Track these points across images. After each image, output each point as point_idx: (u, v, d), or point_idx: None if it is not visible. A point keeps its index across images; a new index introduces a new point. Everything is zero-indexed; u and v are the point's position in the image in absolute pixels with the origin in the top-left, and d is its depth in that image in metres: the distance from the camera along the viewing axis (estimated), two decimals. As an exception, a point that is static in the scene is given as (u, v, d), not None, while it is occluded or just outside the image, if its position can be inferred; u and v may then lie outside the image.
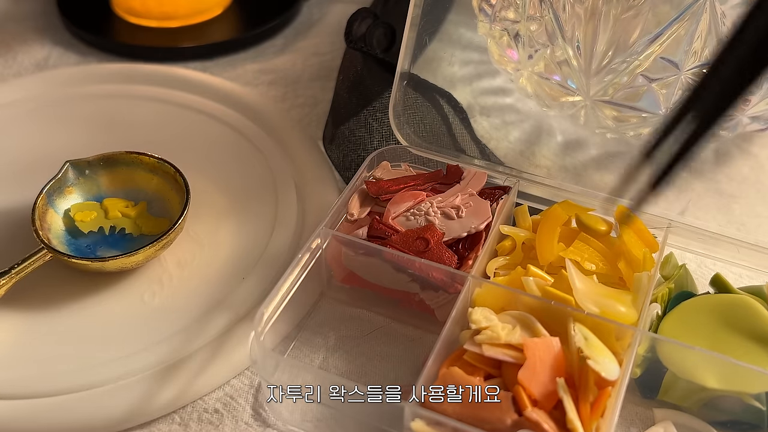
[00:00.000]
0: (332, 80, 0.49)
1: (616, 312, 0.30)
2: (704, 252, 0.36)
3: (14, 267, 0.34)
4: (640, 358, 0.31)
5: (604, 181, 0.42)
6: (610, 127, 0.41)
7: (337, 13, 0.57)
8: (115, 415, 0.31)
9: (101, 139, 0.44)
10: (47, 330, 0.34)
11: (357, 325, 0.35)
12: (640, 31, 0.36)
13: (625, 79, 0.38)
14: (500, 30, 0.41)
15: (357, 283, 0.35)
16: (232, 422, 0.32)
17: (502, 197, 0.36)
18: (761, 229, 0.40)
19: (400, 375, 0.33)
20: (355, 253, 0.34)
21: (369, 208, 0.36)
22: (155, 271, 0.37)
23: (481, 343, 0.29)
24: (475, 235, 0.34)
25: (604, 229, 0.34)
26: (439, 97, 0.43)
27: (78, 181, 0.39)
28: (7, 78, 0.51)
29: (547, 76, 0.40)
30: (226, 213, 0.40)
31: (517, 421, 0.27)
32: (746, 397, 0.30)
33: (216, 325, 0.34)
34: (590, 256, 0.33)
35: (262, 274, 0.36)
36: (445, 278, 0.32)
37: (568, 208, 0.34)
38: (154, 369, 0.32)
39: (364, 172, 0.37)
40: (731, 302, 0.32)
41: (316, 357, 0.34)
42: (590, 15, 0.36)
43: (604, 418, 0.28)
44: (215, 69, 0.51)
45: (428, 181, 0.37)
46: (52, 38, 0.54)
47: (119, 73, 0.49)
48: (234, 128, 0.45)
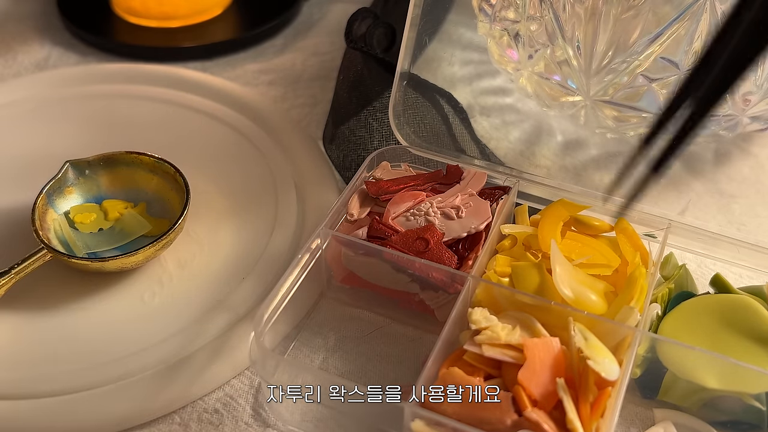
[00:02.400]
0: (332, 80, 0.49)
1: (587, 299, 0.31)
2: (704, 252, 0.36)
3: (14, 267, 0.34)
4: (640, 358, 0.31)
5: (604, 180, 0.42)
6: (610, 127, 0.41)
7: (337, 13, 0.57)
8: (115, 415, 0.31)
9: (101, 139, 0.44)
10: (47, 330, 0.34)
11: (357, 325, 0.35)
12: (640, 31, 0.36)
13: (625, 79, 0.38)
14: (500, 30, 0.41)
15: (357, 283, 0.35)
16: (232, 422, 0.32)
17: (502, 197, 0.36)
18: (761, 229, 0.40)
19: (400, 375, 0.33)
20: (354, 254, 0.34)
21: (369, 209, 0.36)
22: (155, 271, 0.37)
23: (481, 344, 0.29)
24: (475, 235, 0.34)
25: (597, 224, 0.34)
26: (439, 97, 0.43)
27: (78, 181, 0.39)
28: (7, 78, 0.51)
29: (547, 76, 0.40)
30: (226, 213, 0.40)
31: (517, 422, 0.27)
32: (746, 397, 0.30)
33: (216, 324, 0.34)
34: (582, 250, 0.33)
35: (262, 274, 0.36)
36: (445, 278, 0.32)
37: (564, 207, 0.35)
38: (154, 369, 0.32)
39: (364, 172, 0.37)
40: (731, 302, 0.32)
41: (316, 357, 0.34)
42: (590, 15, 0.36)
43: (604, 419, 0.28)
44: (215, 69, 0.51)
45: (428, 182, 0.37)
46: (52, 38, 0.54)
47: (119, 73, 0.49)
48: (234, 128, 0.45)
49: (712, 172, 0.43)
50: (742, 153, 0.44)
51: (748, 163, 0.43)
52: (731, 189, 0.42)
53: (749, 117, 0.39)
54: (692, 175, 0.43)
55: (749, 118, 0.39)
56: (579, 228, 0.35)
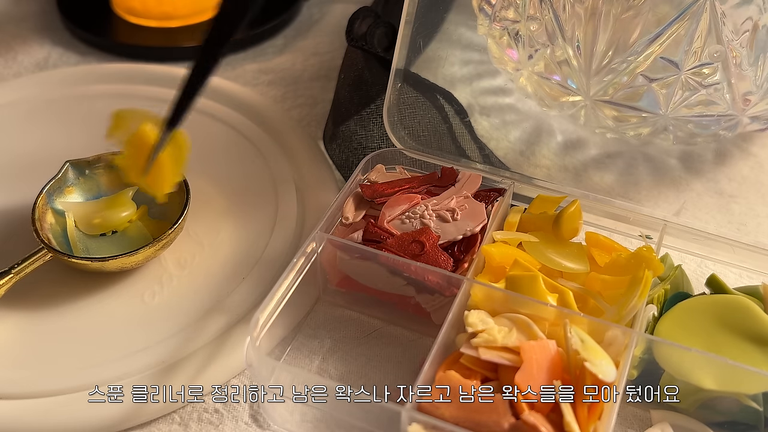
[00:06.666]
0: (332, 80, 0.49)
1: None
2: (700, 253, 0.36)
3: (14, 267, 0.34)
4: (637, 359, 0.31)
5: (604, 180, 0.42)
6: (610, 127, 0.41)
7: (337, 13, 0.57)
8: (115, 415, 0.31)
9: (101, 139, 0.44)
10: (47, 330, 0.34)
11: (353, 328, 0.35)
12: (640, 31, 0.36)
13: (625, 79, 0.37)
14: (500, 30, 0.40)
15: (352, 286, 0.35)
16: (232, 422, 0.32)
17: (497, 199, 0.36)
18: (761, 229, 0.40)
19: (396, 378, 0.33)
20: (350, 257, 0.34)
21: (364, 212, 0.36)
22: (155, 271, 0.37)
23: (477, 346, 0.29)
24: (470, 237, 0.34)
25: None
26: (438, 97, 0.43)
27: (78, 181, 0.39)
28: (7, 78, 0.51)
29: (547, 76, 0.40)
30: (226, 213, 0.40)
31: (514, 425, 0.27)
32: (743, 397, 0.30)
33: (216, 324, 0.34)
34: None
35: (262, 273, 0.37)
36: (441, 281, 0.32)
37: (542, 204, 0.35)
38: (154, 369, 0.33)
39: (359, 175, 0.37)
40: (727, 303, 0.32)
41: (312, 361, 0.34)
42: (590, 15, 0.36)
43: (602, 421, 0.28)
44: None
45: (423, 184, 0.37)
46: (52, 38, 0.54)
47: (119, 73, 0.49)
48: (234, 128, 0.45)
49: (712, 172, 0.43)
50: (742, 153, 0.44)
51: (748, 163, 0.43)
52: (731, 189, 0.42)
53: (749, 117, 0.39)
54: (692, 175, 0.43)
55: (749, 118, 0.39)
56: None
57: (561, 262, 0.33)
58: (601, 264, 0.34)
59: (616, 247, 0.34)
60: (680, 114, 0.38)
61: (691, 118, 0.38)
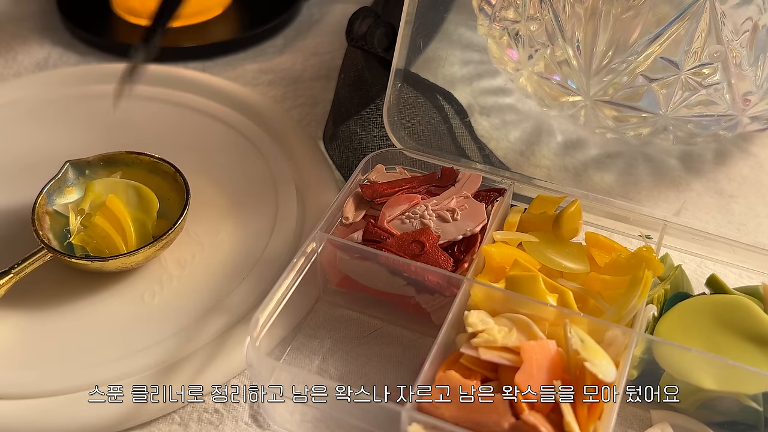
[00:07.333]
0: (332, 80, 0.49)
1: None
2: (700, 253, 0.36)
3: (14, 267, 0.34)
4: (637, 359, 0.31)
5: (604, 180, 0.42)
6: (610, 127, 0.41)
7: (337, 13, 0.57)
8: (115, 415, 0.31)
9: (101, 139, 0.44)
10: (47, 330, 0.34)
11: (353, 328, 0.35)
12: (640, 31, 0.36)
13: (625, 79, 0.37)
14: (500, 30, 0.40)
15: (352, 286, 0.35)
16: (232, 422, 0.32)
17: (497, 199, 0.36)
18: (761, 229, 0.40)
19: (396, 378, 0.33)
20: (350, 257, 0.34)
21: (364, 212, 0.36)
22: (155, 271, 0.37)
23: (477, 347, 0.29)
24: (470, 237, 0.34)
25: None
26: (438, 97, 0.43)
27: (78, 181, 0.39)
28: (7, 78, 0.51)
29: (547, 76, 0.40)
30: (226, 213, 0.40)
31: (514, 425, 0.27)
32: (743, 397, 0.30)
33: (216, 324, 0.34)
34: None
35: (262, 274, 0.37)
36: (441, 281, 0.32)
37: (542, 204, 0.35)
38: (153, 369, 0.33)
39: (359, 175, 0.37)
40: (727, 303, 0.32)
41: (312, 361, 0.34)
42: (590, 15, 0.36)
43: (602, 421, 0.28)
44: (215, 69, 0.51)
45: (423, 184, 0.37)
46: (52, 38, 0.54)
47: (119, 73, 0.49)
48: (234, 128, 0.45)
49: (712, 171, 0.43)
50: (742, 153, 0.44)
51: (748, 163, 0.43)
52: (731, 189, 0.42)
53: (749, 117, 0.39)
54: (692, 175, 0.43)
55: (749, 118, 0.39)
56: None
57: (561, 262, 0.33)
58: (601, 264, 0.34)
59: (616, 247, 0.34)
60: (680, 114, 0.38)
61: (691, 118, 0.39)
